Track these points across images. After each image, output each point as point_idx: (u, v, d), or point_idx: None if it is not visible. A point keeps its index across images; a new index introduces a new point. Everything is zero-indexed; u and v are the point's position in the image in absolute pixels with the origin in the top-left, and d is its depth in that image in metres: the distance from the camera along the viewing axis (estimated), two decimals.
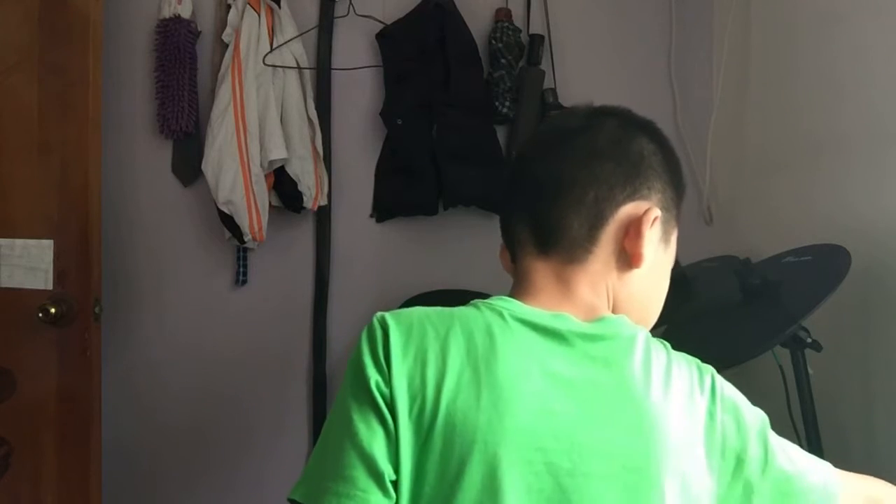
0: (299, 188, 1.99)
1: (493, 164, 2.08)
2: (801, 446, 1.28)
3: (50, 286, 1.81)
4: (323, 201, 2.04)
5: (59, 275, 1.81)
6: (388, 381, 0.69)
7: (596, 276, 0.79)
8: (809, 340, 1.23)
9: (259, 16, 1.98)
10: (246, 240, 1.96)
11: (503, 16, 2.08)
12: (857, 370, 1.45)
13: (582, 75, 2.16)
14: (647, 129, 0.87)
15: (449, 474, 0.66)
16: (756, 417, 0.81)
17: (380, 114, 2.08)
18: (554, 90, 2.11)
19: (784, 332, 1.21)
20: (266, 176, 1.98)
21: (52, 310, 1.77)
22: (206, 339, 2.12)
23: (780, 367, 1.30)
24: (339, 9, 2.09)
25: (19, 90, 1.81)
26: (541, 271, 0.80)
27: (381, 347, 0.71)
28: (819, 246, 1.38)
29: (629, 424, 0.71)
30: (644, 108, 2.37)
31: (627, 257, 0.79)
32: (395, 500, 0.67)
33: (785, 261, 1.41)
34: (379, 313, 0.75)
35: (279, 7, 2.02)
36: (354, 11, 2.08)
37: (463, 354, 0.70)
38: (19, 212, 1.83)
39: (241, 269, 2.10)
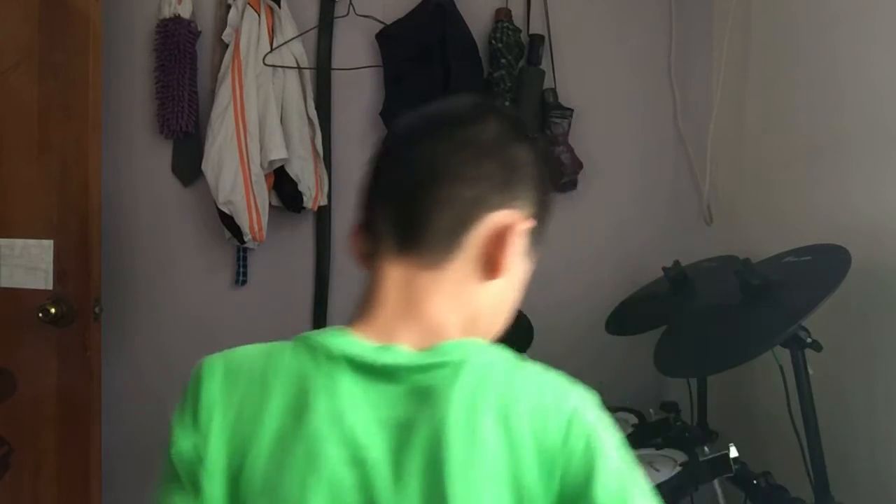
0: (299, 188, 1.99)
1: None
2: (802, 446, 1.29)
3: (50, 286, 1.81)
4: (323, 201, 2.04)
5: (59, 275, 1.81)
6: (201, 443, 0.68)
7: (454, 284, 0.73)
8: (809, 340, 1.23)
9: (259, 16, 1.98)
10: (246, 240, 1.96)
11: (503, 16, 2.08)
12: (857, 370, 1.45)
13: (582, 75, 2.16)
14: (529, 139, 0.80)
15: None
16: (615, 469, 0.67)
17: (380, 114, 2.08)
18: (554, 90, 2.11)
19: (784, 332, 1.21)
20: (266, 176, 1.98)
21: (52, 310, 1.77)
22: (206, 339, 2.11)
23: (780, 367, 1.30)
24: (339, 9, 2.09)
25: (19, 90, 1.81)
26: (392, 278, 0.74)
27: (190, 403, 0.70)
28: (819, 246, 1.38)
29: (434, 474, 0.64)
30: (644, 108, 2.39)
31: (490, 266, 0.74)
32: None
33: (785, 261, 1.41)
34: (205, 357, 0.72)
35: (279, 7, 2.02)
36: (354, 11, 2.08)
37: (280, 406, 0.67)
38: (19, 212, 1.83)
39: (241, 269, 2.10)
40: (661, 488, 1.29)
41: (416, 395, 0.67)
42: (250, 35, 1.96)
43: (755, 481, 1.32)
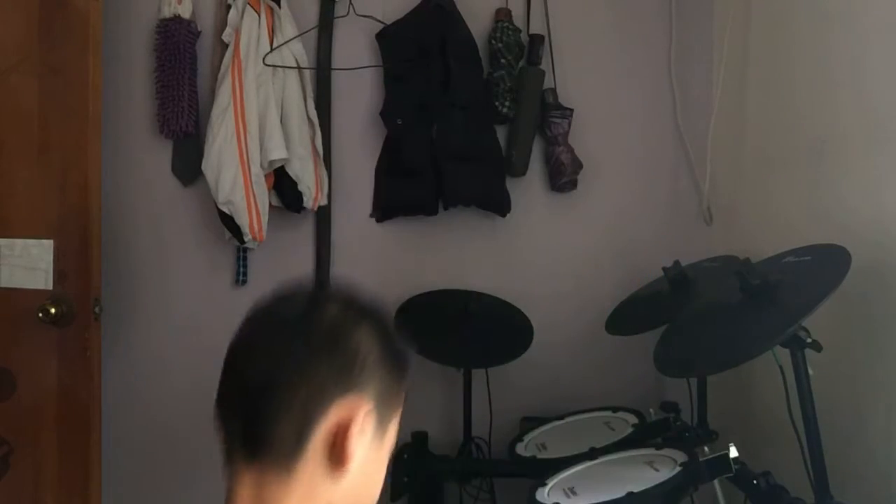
0: (299, 188, 1.99)
1: (493, 164, 2.08)
2: (802, 446, 1.28)
3: (50, 286, 1.81)
4: (323, 201, 2.04)
5: (59, 275, 1.80)
6: None
7: (306, 486, 0.74)
8: (809, 340, 1.23)
9: (259, 16, 1.98)
10: (246, 240, 1.96)
11: (503, 16, 2.08)
12: (857, 370, 1.45)
13: (582, 75, 2.16)
14: (370, 317, 0.81)
15: None
16: None
17: (380, 114, 2.08)
18: (554, 90, 2.11)
19: (784, 332, 1.21)
20: (266, 176, 1.98)
21: (52, 310, 1.77)
22: (206, 339, 2.10)
23: (780, 367, 1.30)
24: (339, 9, 2.09)
25: (19, 90, 1.81)
26: (243, 487, 0.74)
27: None
28: (819, 246, 1.38)
29: None
30: (644, 108, 2.39)
31: (337, 459, 0.74)
32: None
33: (785, 261, 1.41)
34: None
35: (279, 7, 2.02)
36: (354, 11, 2.08)
37: None
38: (19, 212, 1.83)
39: (241, 269, 2.10)
40: (661, 488, 1.29)
41: None
42: (250, 35, 1.96)
43: (755, 481, 1.32)
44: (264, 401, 0.74)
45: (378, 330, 0.80)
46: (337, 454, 0.74)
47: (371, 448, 0.77)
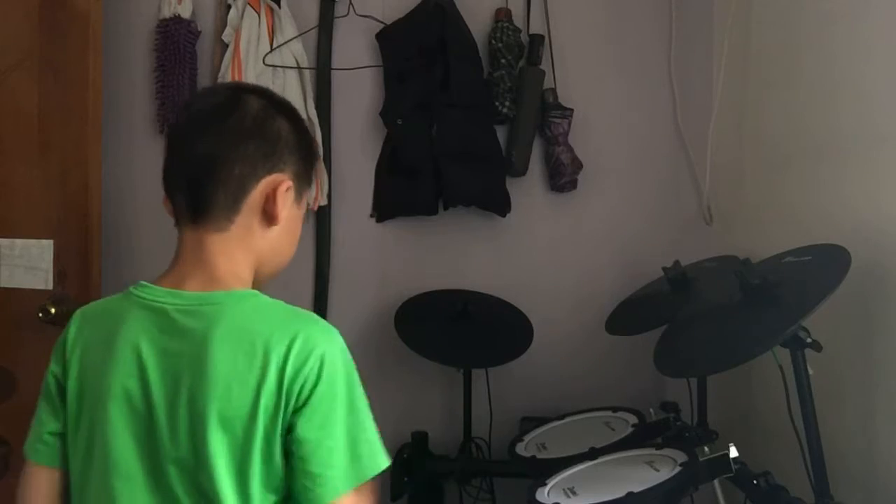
0: None
1: (493, 164, 2.08)
2: (802, 446, 1.28)
3: (50, 286, 1.81)
4: (323, 201, 2.04)
5: (59, 275, 1.81)
6: (62, 372, 0.97)
7: (238, 240, 0.96)
8: (809, 340, 1.23)
9: (259, 16, 1.98)
10: None
11: (503, 16, 2.08)
12: (857, 370, 1.45)
13: (582, 75, 2.16)
14: (286, 110, 1.01)
15: (78, 415, 0.95)
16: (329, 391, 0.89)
17: (380, 114, 2.08)
18: (554, 90, 2.11)
19: (784, 332, 1.21)
20: None
21: (52, 310, 1.77)
22: None
23: (780, 367, 1.30)
24: (339, 9, 2.09)
25: (19, 90, 1.81)
26: (187, 241, 0.97)
27: (59, 343, 0.99)
28: (819, 246, 1.38)
29: (192, 386, 0.88)
30: (644, 108, 2.39)
31: (268, 218, 0.96)
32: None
33: (785, 261, 1.41)
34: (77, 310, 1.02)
35: (279, 7, 2.02)
36: (354, 11, 2.08)
37: (105, 337, 0.94)
38: (19, 212, 1.83)
39: None
40: (661, 488, 1.29)
41: (183, 332, 0.90)
42: (250, 35, 1.96)
43: (755, 481, 1.32)
44: (206, 175, 0.94)
45: (292, 121, 1.00)
46: (269, 214, 0.96)
47: (291, 211, 0.99)
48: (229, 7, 2.01)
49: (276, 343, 0.88)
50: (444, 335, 1.94)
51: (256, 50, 1.96)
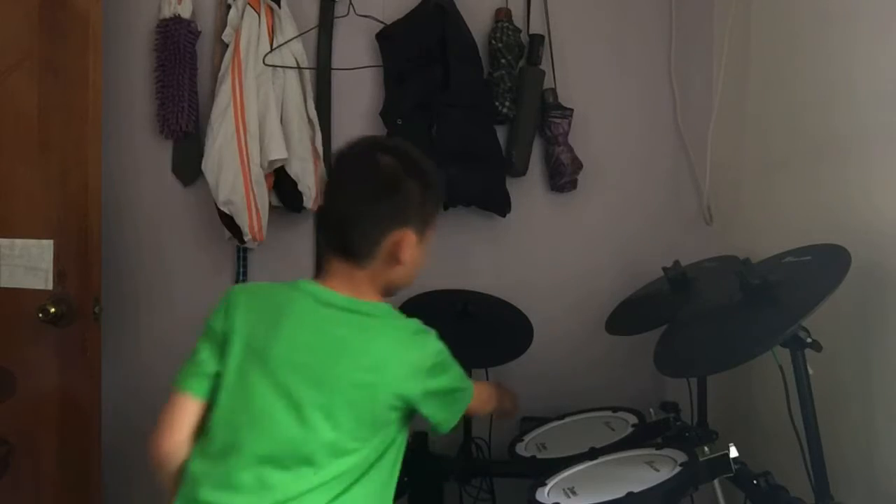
0: (299, 188, 1.99)
1: (493, 164, 2.08)
2: (802, 446, 1.28)
3: (50, 286, 1.81)
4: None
5: (59, 275, 1.81)
6: (229, 328, 1.23)
7: (373, 273, 1.25)
8: (809, 340, 1.23)
9: (259, 16, 1.98)
10: (246, 240, 1.96)
11: (503, 16, 2.09)
12: (857, 370, 1.45)
13: (582, 75, 2.16)
14: (416, 169, 1.25)
15: (240, 366, 1.20)
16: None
17: (380, 114, 2.08)
18: (554, 90, 2.11)
19: (784, 332, 1.21)
20: (266, 176, 1.98)
21: (52, 310, 1.77)
22: None
23: (780, 367, 1.30)
24: (339, 9, 2.09)
25: (19, 90, 1.81)
26: (336, 266, 1.26)
27: (223, 305, 1.27)
28: (819, 246, 1.38)
29: (349, 359, 1.18)
30: (644, 108, 2.39)
31: (394, 261, 1.24)
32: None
33: (785, 261, 1.41)
34: (234, 286, 1.31)
35: (279, 7, 2.02)
36: (354, 11, 2.08)
37: (269, 309, 1.23)
38: (19, 212, 1.83)
39: (241, 269, 2.10)
40: (661, 488, 1.29)
41: (346, 320, 1.21)
42: (250, 35, 1.96)
43: (755, 481, 1.32)
44: (348, 226, 1.23)
45: (421, 180, 1.24)
46: (394, 258, 1.24)
47: (415, 250, 1.25)
48: (229, 7, 2.01)
49: (413, 337, 1.23)
50: (444, 335, 1.93)
51: (256, 50, 1.96)
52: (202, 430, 1.23)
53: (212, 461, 1.19)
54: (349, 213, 1.22)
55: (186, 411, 1.24)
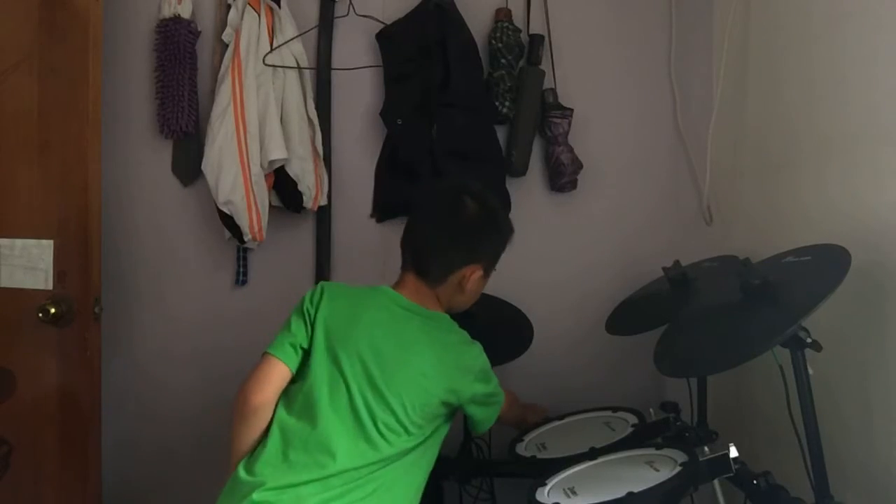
0: (299, 188, 1.99)
1: (493, 164, 2.08)
2: (802, 446, 1.28)
3: (50, 286, 1.81)
4: (323, 201, 2.04)
5: (59, 275, 1.81)
6: (314, 312, 1.45)
7: (439, 294, 1.50)
8: (809, 340, 1.23)
9: (259, 16, 1.98)
10: (246, 240, 1.96)
11: (503, 16, 2.09)
12: (857, 370, 1.45)
13: (582, 75, 2.16)
14: (494, 215, 1.52)
15: (324, 348, 1.41)
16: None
17: (380, 114, 2.08)
18: (554, 90, 2.11)
19: (784, 332, 1.21)
20: (266, 176, 1.98)
21: (52, 310, 1.77)
22: (206, 339, 2.12)
23: (780, 367, 1.30)
24: (339, 9, 2.09)
25: (19, 90, 1.81)
26: (412, 281, 1.49)
27: (314, 295, 1.48)
28: (819, 246, 1.38)
29: (415, 352, 1.41)
30: (644, 108, 2.38)
31: (461, 289, 1.49)
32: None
33: (785, 261, 1.41)
34: (322, 283, 1.52)
35: (279, 7, 2.02)
36: (354, 11, 2.08)
37: (350, 304, 1.46)
38: (19, 212, 1.83)
39: (241, 269, 2.10)
40: (661, 488, 1.29)
41: (415, 321, 1.45)
42: (250, 35, 1.96)
43: (755, 481, 1.32)
44: (428, 253, 1.48)
45: (496, 223, 1.51)
46: (462, 287, 1.49)
47: (479, 282, 1.51)
48: (229, 7, 2.01)
49: (468, 345, 1.47)
50: None
51: (256, 50, 1.96)
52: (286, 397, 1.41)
53: (296, 423, 1.36)
54: (431, 243, 1.47)
55: (277, 374, 1.41)
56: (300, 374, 1.42)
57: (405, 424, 1.36)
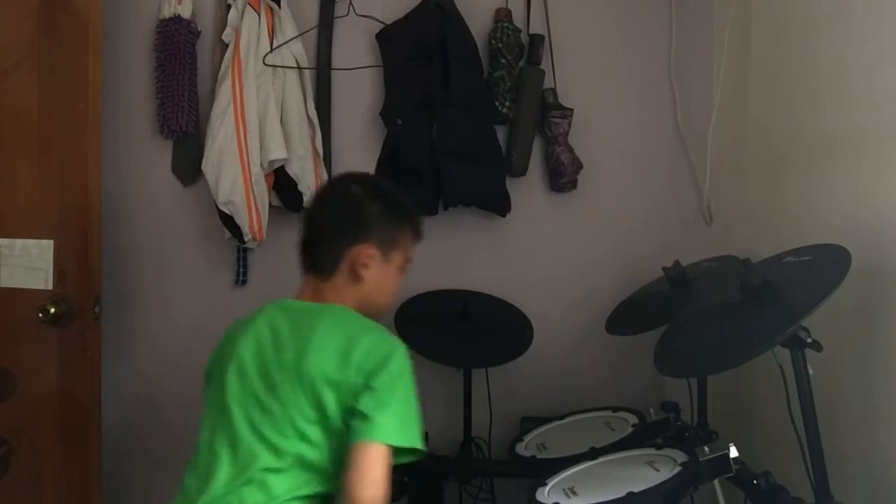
0: (299, 188, 1.99)
1: (493, 164, 2.08)
2: (802, 446, 1.28)
3: (50, 286, 1.81)
4: None
5: (59, 275, 1.81)
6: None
7: (338, 287, 1.34)
8: (809, 340, 1.23)
9: (259, 16, 1.98)
10: (246, 240, 1.96)
11: (503, 16, 2.08)
12: (857, 370, 1.45)
13: (582, 75, 2.16)
14: (380, 193, 1.39)
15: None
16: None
17: (380, 114, 2.08)
18: (554, 90, 2.11)
19: (784, 332, 1.21)
20: (266, 176, 1.98)
21: (52, 310, 1.77)
22: (206, 339, 2.10)
23: (780, 367, 1.30)
24: (339, 9, 2.09)
25: (19, 90, 1.81)
26: (308, 283, 1.37)
27: None
28: (819, 246, 1.38)
29: (302, 355, 1.23)
30: (644, 108, 2.38)
31: (355, 277, 1.33)
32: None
33: (785, 261, 1.41)
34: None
35: (279, 7, 2.02)
36: (354, 11, 2.08)
37: (240, 326, 1.38)
38: (19, 212, 1.83)
39: (241, 269, 2.10)
40: (661, 488, 1.29)
41: (299, 320, 1.29)
42: (250, 35, 1.96)
43: (755, 481, 1.32)
44: (316, 245, 1.36)
45: (384, 202, 1.37)
46: (357, 274, 1.33)
47: (380, 269, 1.35)
48: (229, 7, 2.01)
49: (360, 338, 1.23)
50: (444, 335, 1.94)
51: (256, 50, 1.96)
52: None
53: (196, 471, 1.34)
54: (316, 231, 1.37)
55: None
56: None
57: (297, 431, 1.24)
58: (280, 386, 1.23)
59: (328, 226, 1.36)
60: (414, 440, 1.20)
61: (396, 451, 1.19)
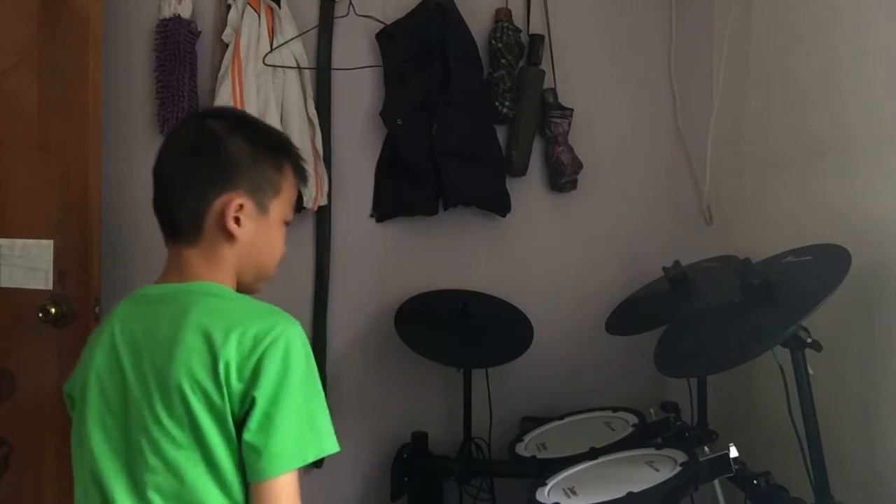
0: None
1: (493, 164, 2.08)
2: (802, 446, 1.28)
3: (50, 286, 1.81)
4: (323, 201, 2.04)
5: (59, 275, 1.81)
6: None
7: (205, 252, 1.08)
8: (809, 340, 1.23)
9: (259, 16, 1.98)
10: None
11: (503, 16, 2.08)
12: (857, 370, 1.45)
13: (582, 75, 2.16)
14: (245, 126, 1.12)
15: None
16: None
17: (380, 114, 2.08)
18: (554, 90, 2.11)
19: (784, 332, 1.21)
20: None
21: (52, 310, 1.77)
22: None
23: (780, 367, 1.30)
24: (339, 9, 2.09)
25: (19, 90, 1.81)
26: (171, 256, 1.13)
27: None
28: (819, 246, 1.38)
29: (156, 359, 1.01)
30: (644, 108, 2.38)
31: (225, 233, 1.07)
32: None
33: (785, 261, 1.41)
34: None
35: (279, 7, 2.02)
36: (354, 11, 2.08)
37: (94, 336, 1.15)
38: (19, 212, 1.83)
39: None
40: (661, 488, 1.29)
41: (161, 314, 1.05)
42: (250, 35, 1.96)
43: (755, 481, 1.32)
44: (170, 196, 1.11)
45: (250, 137, 1.09)
46: (226, 230, 1.06)
47: (256, 223, 1.09)
48: (229, 7, 2.01)
49: (232, 331, 0.98)
50: (444, 335, 1.94)
51: (256, 50, 1.96)
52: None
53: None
54: (169, 181, 1.10)
55: None
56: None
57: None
58: (146, 412, 0.99)
59: (182, 174, 1.09)
60: (320, 449, 0.99)
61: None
